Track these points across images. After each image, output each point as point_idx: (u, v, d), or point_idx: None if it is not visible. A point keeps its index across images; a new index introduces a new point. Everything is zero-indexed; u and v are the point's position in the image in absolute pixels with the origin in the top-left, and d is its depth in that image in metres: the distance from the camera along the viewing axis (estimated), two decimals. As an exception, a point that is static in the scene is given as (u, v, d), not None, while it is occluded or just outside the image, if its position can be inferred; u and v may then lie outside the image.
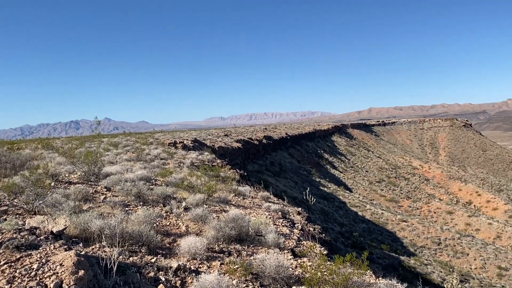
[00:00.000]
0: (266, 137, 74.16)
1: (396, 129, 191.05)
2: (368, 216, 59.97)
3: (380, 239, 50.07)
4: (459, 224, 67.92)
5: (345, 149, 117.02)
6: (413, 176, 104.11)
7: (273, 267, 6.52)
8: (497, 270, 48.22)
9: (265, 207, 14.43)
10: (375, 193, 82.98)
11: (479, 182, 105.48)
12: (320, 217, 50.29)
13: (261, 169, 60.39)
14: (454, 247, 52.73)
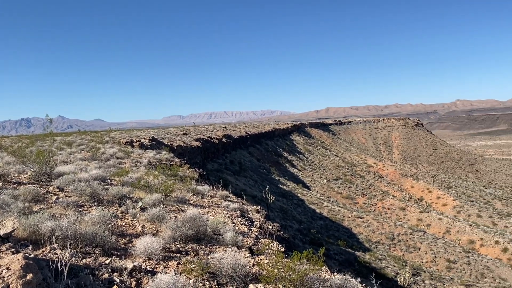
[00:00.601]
0: (226, 136, 74.02)
1: (352, 128, 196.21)
2: (326, 213, 61.24)
3: (337, 235, 51.28)
4: (412, 219, 70.70)
5: (304, 147, 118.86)
6: (368, 174, 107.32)
7: (230, 265, 6.54)
8: (446, 263, 50.65)
9: (224, 206, 14.42)
10: (332, 191, 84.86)
11: (430, 179, 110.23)
12: (279, 215, 50.83)
13: (221, 168, 60.23)
14: (407, 242, 54.87)
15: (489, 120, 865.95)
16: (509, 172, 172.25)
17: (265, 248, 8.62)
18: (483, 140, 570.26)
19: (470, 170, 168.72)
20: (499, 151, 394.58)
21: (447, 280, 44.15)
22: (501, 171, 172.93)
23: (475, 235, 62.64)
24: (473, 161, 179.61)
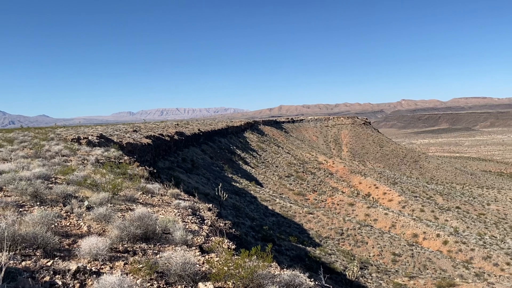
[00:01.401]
0: (178, 133, 72.99)
1: (304, 126, 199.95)
2: (278, 209, 62.04)
3: (288, 231, 52.12)
4: (360, 215, 73.19)
5: (257, 145, 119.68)
6: (319, 171, 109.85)
7: (179, 264, 6.48)
8: (392, 256, 52.92)
9: (175, 204, 14.24)
10: (284, 187, 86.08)
11: (377, 175, 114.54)
12: (232, 212, 50.89)
13: (173, 166, 59.36)
14: (355, 236, 56.76)
15: (431, 119, 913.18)
16: (450, 169, 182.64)
17: (216, 246, 8.60)
18: (426, 138, 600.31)
19: (414, 167, 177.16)
20: (441, 149, 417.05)
21: (392, 272, 46.14)
22: (442, 167, 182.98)
23: (418, 229, 65.85)
24: (417, 158, 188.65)
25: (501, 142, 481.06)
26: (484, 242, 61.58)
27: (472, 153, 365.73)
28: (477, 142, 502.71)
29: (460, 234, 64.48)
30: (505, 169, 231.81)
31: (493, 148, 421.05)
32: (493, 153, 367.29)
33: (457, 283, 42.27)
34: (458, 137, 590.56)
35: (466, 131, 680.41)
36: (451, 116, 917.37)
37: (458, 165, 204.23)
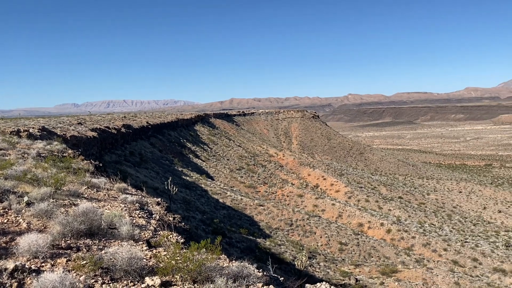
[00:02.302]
0: (125, 126, 70.95)
1: (255, 119, 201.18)
2: (229, 202, 62.18)
3: (239, 223, 52.42)
4: (308, 206, 74.96)
5: (208, 138, 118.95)
6: (270, 163, 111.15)
7: (125, 259, 6.36)
8: (339, 245, 54.75)
9: (122, 199, 13.91)
10: (236, 180, 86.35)
11: (325, 167, 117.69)
12: (182, 206, 50.39)
13: (120, 160, 57.71)
14: (304, 227, 58.12)
15: (376, 113, 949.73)
16: (393, 160, 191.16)
17: (164, 240, 8.51)
18: (371, 131, 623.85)
19: (360, 158, 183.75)
20: (385, 141, 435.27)
21: (339, 261, 47.79)
22: (386, 159, 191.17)
23: (363, 218, 68.53)
24: (362, 151, 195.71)
25: (440, 135, 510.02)
26: (424, 230, 65.18)
27: (414, 146, 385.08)
28: (418, 135, 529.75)
29: (402, 223, 67.81)
30: (443, 161, 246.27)
31: (433, 140, 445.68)
32: (433, 145, 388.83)
33: (399, 270, 44.52)
34: (401, 130, 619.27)
35: (408, 125, 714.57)
36: (394, 110, 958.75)
37: (400, 157, 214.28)
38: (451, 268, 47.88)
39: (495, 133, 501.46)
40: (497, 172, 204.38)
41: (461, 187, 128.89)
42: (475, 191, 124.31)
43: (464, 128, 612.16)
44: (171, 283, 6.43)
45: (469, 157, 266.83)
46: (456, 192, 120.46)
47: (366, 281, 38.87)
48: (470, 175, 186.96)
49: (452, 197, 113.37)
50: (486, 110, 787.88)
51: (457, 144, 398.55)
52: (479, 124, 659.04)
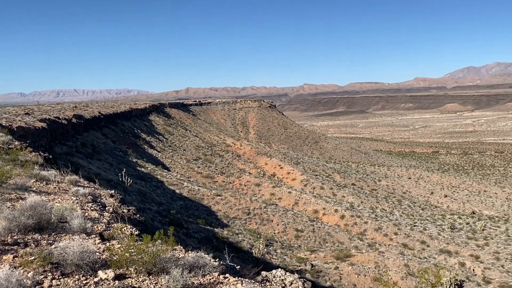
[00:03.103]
0: (76, 116, 68.31)
1: (212, 109, 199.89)
2: (186, 193, 61.67)
3: (196, 214, 52.19)
4: (266, 194, 75.80)
5: (163, 128, 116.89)
6: (227, 153, 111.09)
7: (76, 253, 6.19)
8: (295, 232, 55.85)
9: (73, 191, 13.48)
10: (192, 171, 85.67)
11: (281, 156, 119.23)
12: (137, 198, 49.44)
13: (71, 151, 55.60)
14: (261, 215, 58.76)
15: (330, 103, 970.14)
16: (346, 149, 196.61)
17: (117, 233, 8.36)
18: (325, 120, 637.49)
19: (315, 147, 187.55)
20: (339, 130, 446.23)
21: (295, 247, 48.80)
22: (340, 147, 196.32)
23: (318, 205, 70.20)
24: (317, 139, 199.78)
25: (390, 124, 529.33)
26: (375, 215, 67.75)
27: (366, 134, 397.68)
28: (370, 123, 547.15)
29: (355, 209, 70.10)
30: (394, 148, 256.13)
31: (384, 129, 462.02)
32: (384, 134, 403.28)
33: (353, 254, 46.13)
34: (354, 119, 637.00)
35: (361, 114, 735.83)
36: (347, 99, 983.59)
37: (353, 145, 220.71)
38: (401, 251, 50.18)
39: (442, 122, 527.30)
40: (443, 158, 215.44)
41: (410, 174, 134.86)
42: (423, 177, 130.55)
43: (413, 116, 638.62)
44: (125, 276, 6.34)
45: (417, 145, 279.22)
46: (405, 178, 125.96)
47: (321, 266, 40.00)
48: (418, 162, 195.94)
49: (402, 183, 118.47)
50: (433, 100, 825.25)
51: (406, 132, 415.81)
52: (427, 113, 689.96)
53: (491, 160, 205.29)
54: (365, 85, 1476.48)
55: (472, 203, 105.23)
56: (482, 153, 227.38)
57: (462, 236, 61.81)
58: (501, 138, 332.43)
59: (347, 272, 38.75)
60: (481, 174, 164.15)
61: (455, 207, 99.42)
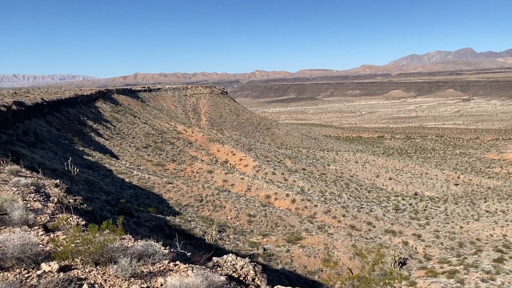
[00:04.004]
0: (16, 103, 64.48)
1: (162, 95, 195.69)
2: (136, 181, 60.36)
3: (147, 202, 51.30)
4: (218, 181, 75.81)
5: (111, 115, 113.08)
6: (178, 140, 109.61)
7: (17, 246, 5.94)
8: (248, 217, 56.43)
9: (14, 182, 12.86)
10: (142, 159, 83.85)
11: (233, 143, 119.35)
12: (85, 187, 47.78)
13: (12, 140, 52.52)
14: (214, 202, 58.77)
15: (281, 89, 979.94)
16: (297, 135, 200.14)
17: (62, 224, 8.07)
18: (277, 107, 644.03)
19: (267, 133, 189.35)
20: (290, 117, 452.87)
21: (248, 232, 49.39)
22: (291, 134, 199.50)
23: (270, 190, 71.25)
24: (269, 126, 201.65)
25: (338, 110, 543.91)
26: (325, 199, 69.81)
27: (316, 120, 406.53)
28: (319, 110, 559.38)
29: (305, 193, 71.82)
30: (342, 134, 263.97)
31: (332, 115, 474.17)
32: (333, 120, 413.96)
33: (303, 237, 47.38)
34: (304, 105, 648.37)
35: (311, 100, 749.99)
36: (298, 86, 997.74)
37: (304, 131, 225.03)
38: (349, 232, 52.17)
39: (387, 108, 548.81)
40: (388, 143, 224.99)
41: (357, 158, 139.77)
42: (369, 161, 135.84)
43: (360, 103, 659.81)
44: (70, 267, 6.16)
45: (364, 130, 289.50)
46: (353, 162, 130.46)
47: (273, 250, 40.81)
48: (365, 146, 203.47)
49: (350, 167, 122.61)
50: (379, 86, 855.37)
51: (353, 118, 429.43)
52: (373, 99, 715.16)
53: (432, 144, 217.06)
54: (315, 72, 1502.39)
55: (415, 185, 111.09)
56: (424, 138, 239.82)
57: (406, 217, 65.21)
58: (441, 123, 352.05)
59: (298, 254, 39.82)
60: (423, 157, 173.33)
61: (399, 189, 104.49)
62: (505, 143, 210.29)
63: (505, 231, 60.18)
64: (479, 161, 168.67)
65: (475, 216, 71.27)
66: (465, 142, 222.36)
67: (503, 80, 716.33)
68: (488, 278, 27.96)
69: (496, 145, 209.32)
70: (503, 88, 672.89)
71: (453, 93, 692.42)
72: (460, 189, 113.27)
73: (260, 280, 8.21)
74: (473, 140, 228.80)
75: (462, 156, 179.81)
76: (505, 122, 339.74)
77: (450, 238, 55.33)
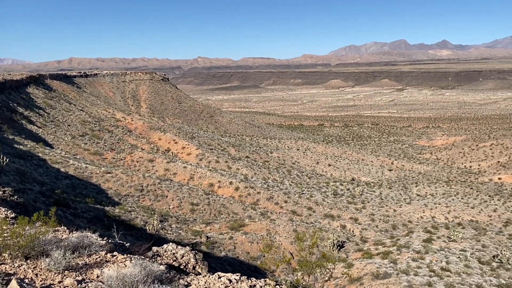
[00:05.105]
0: None
1: (99, 81, 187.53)
2: (72, 171, 57.72)
3: (85, 193, 49.32)
4: (159, 170, 74.41)
5: (44, 102, 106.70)
6: (117, 128, 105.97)
7: None
8: (190, 206, 56.04)
9: None
10: (79, 148, 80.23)
11: (176, 131, 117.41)
12: (16, 178, 44.96)
13: None
14: (155, 191, 57.68)
15: (225, 77, 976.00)
16: (241, 123, 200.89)
17: (-12, 217, 7.57)
18: (220, 94, 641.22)
19: (210, 121, 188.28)
20: (233, 104, 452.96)
21: (191, 221, 49.09)
22: (234, 121, 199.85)
23: (214, 178, 71.13)
24: (212, 114, 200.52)
25: (281, 98, 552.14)
26: (268, 185, 70.96)
27: (259, 108, 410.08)
28: (263, 98, 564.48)
29: (249, 180, 72.53)
30: (284, 122, 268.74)
31: (275, 103, 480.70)
32: (275, 108, 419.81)
33: (247, 223, 47.95)
34: (247, 93, 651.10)
35: (254, 88, 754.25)
36: (241, 74, 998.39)
37: (247, 119, 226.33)
38: (290, 218, 53.50)
39: (327, 96, 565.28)
40: (327, 130, 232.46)
41: (298, 145, 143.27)
42: (310, 148, 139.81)
43: (301, 92, 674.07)
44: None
45: (305, 118, 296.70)
46: (294, 150, 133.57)
47: (216, 237, 40.96)
48: (306, 134, 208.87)
49: (291, 154, 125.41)
50: (319, 76, 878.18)
51: (295, 107, 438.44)
52: (314, 88, 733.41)
53: (368, 132, 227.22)
54: (258, 60, 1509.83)
55: (352, 171, 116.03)
56: (361, 125, 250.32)
57: (344, 201, 68.01)
58: (376, 112, 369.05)
59: (241, 241, 40.29)
60: (359, 145, 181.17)
61: (338, 175, 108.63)
62: (435, 131, 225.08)
63: (433, 213, 64.74)
64: (411, 147, 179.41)
65: (407, 200, 75.86)
66: (398, 130, 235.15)
67: (433, 71, 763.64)
68: (418, 257, 29.99)
69: (426, 132, 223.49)
70: (433, 79, 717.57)
71: (388, 83, 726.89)
72: (394, 174, 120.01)
73: (201, 268, 8.25)
74: (405, 128, 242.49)
75: (396, 143, 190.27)
76: (435, 111, 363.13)
77: (384, 221, 58.55)
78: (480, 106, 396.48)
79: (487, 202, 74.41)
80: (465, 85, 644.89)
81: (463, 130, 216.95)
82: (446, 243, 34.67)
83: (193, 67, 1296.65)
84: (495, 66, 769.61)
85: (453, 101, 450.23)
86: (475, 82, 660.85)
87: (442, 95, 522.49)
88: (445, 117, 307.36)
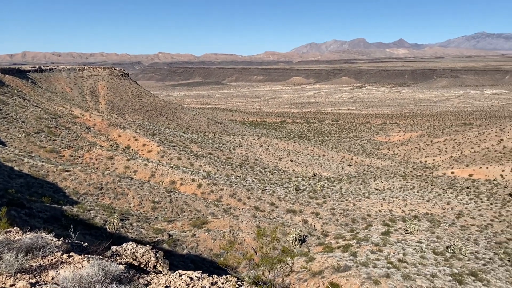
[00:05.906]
0: None
1: (55, 77, 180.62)
2: (27, 170, 55.41)
3: (41, 192, 47.51)
4: (119, 168, 72.71)
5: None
6: (74, 125, 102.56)
7: None
8: (152, 204, 55.15)
9: None
10: (34, 145, 77.06)
11: (136, 128, 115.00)
12: (-36, 178, 42.69)
13: None
14: (115, 189, 56.35)
15: (187, 73, 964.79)
16: (203, 119, 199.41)
17: None
18: (182, 90, 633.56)
19: (172, 118, 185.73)
20: (195, 101, 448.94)
21: (152, 219, 48.33)
22: (197, 118, 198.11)
23: (176, 176, 70.30)
24: (174, 110, 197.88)
25: (244, 95, 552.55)
26: (230, 182, 70.93)
27: (222, 105, 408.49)
28: (225, 94, 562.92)
29: (212, 177, 72.23)
30: (247, 118, 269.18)
31: (238, 100, 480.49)
32: (238, 104, 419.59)
33: (209, 220, 47.75)
34: (210, 90, 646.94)
35: (217, 85, 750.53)
36: (204, 70, 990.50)
37: (210, 115, 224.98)
38: (253, 214, 53.76)
39: (289, 93, 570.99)
40: (290, 127, 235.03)
41: (261, 142, 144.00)
42: (273, 144, 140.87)
43: (264, 88, 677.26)
44: None
45: (268, 115, 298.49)
46: (257, 146, 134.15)
47: (178, 235, 40.55)
48: (269, 130, 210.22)
49: (254, 150, 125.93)
50: (281, 73, 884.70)
51: (258, 103, 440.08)
52: (276, 85, 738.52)
53: (328, 128, 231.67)
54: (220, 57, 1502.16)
55: (313, 166, 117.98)
56: (322, 122, 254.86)
57: (305, 196, 69.06)
58: (336, 108, 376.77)
59: (203, 238, 40.09)
60: (320, 141, 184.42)
61: (299, 171, 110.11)
62: (392, 127, 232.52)
63: (391, 207, 66.98)
64: (369, 143, 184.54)
65: (366, 194, 78.04)
66: (357, 126, 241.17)
67: (391, 69, 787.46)
68: (377, 250, 30.93)
69: (384, 128, 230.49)
70: (391, 77, 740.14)
71: (347, 81, 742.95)
72: (353, 169, 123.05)
73: (162, 266, 8.18)
74: (364, 124, 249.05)
75: (355, 139, 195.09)
76: (392, 107, 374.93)
77: (344, 215, 59.98)
78: (435, 103, 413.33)
79: (441, 196, 77.79)
80: (421, 83, 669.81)
81: (419, 126, 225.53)
82: (403, 235, 35.93)
83: (154, 62, 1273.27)
84: (449, 65, 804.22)
85: (409, 98, 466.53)
86: (430, 80, 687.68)
87: (399, 93, 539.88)
88: (402, 113, 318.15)
